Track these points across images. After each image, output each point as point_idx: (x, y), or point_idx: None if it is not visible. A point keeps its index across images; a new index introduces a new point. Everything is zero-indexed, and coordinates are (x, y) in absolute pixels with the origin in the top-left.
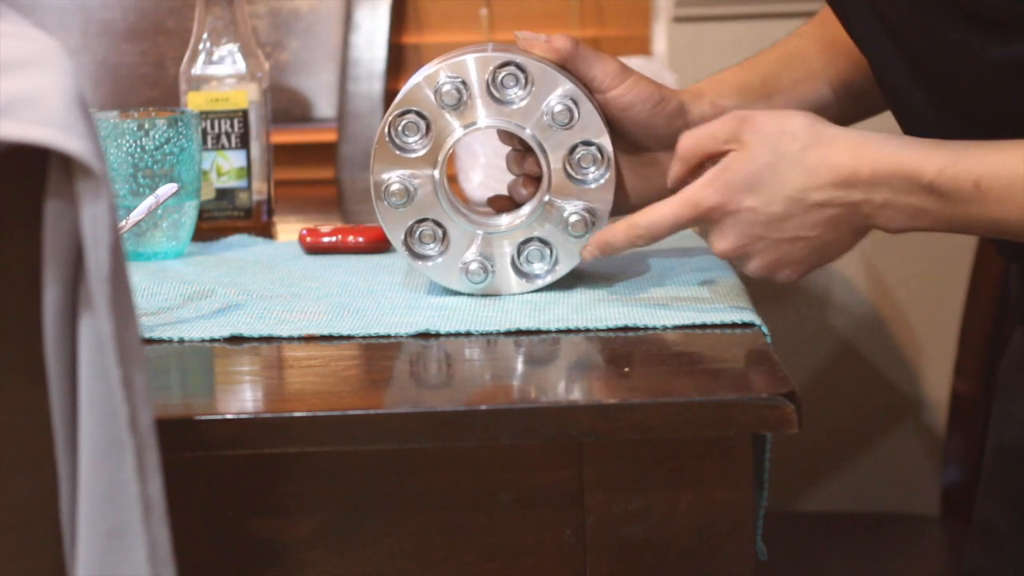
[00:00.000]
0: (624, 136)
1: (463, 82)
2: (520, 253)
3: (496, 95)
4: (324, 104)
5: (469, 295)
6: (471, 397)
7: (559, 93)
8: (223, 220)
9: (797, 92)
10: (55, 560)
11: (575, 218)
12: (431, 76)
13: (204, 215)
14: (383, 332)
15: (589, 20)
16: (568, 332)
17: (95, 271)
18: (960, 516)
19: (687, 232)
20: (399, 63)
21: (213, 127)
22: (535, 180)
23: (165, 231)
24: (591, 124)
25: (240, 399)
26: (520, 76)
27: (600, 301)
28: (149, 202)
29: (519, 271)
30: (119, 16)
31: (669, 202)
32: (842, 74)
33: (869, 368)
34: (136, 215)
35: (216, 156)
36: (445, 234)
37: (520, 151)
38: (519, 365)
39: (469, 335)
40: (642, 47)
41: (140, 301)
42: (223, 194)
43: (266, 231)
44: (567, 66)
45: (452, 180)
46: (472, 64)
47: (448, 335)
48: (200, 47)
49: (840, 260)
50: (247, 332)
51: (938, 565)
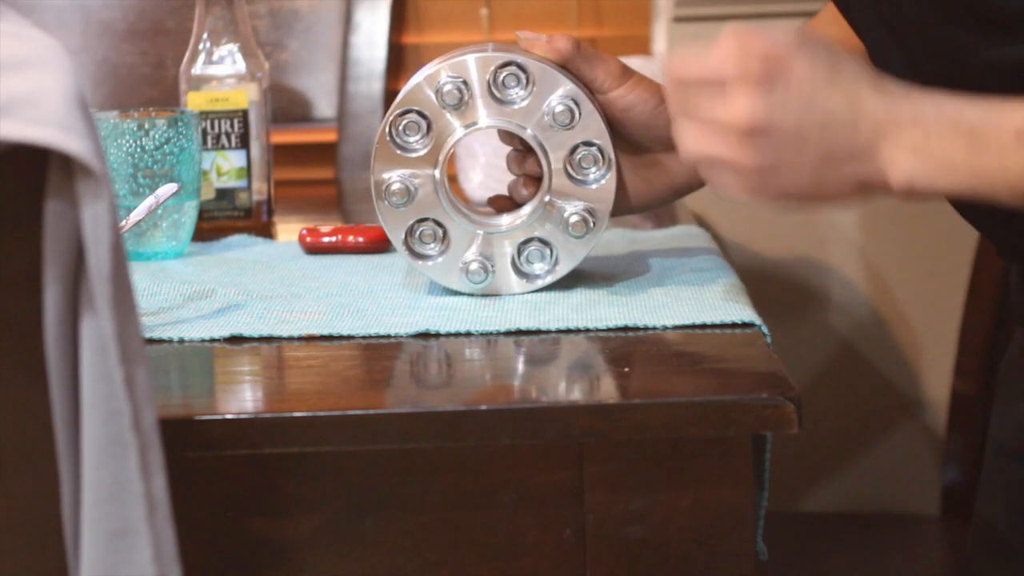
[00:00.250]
0: (625, 137)
1: (464, 82)
2: (520, 253)
3: (497, 95)
4: (324, 104)
5: (469, 295)
6: (471, 397)
7: (560, 93)
8: (223, 220)
9: None
10: (56, 560)
11: (575, 218)
12: (432, 76)
13: (204, 215)
14: (383, 332)
15: (589, 20)
16: (568, 332)
17: (96, 271)
18: (960, 516)
19: (687, 232)
20: (399, 63)
21: (213, 127)
22: (536, 180)
23: (165, 231)
24: (592, 125)
25: (240, 399)
26: (521, 76)
27: (600, 301)
28: (149, 202)
29: (519, 271)
30: (119, 16)
31: (715, 49)
32: None
33: (869, 368)
34: (136, 215)
35: (216, 156)
36: (445, 234)
37: (521, 151)
38: (519, 365)
39: (469, 335)
40: (642, 47)
41: (140, 301)
42: (223, 194)
43: (266, 231)
44: (568, 66)
45: (452, 180)
46: (473, 64)
47: (448, 335)
48: (200, 47)
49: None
50: (247, 332)
51: (938, 565)
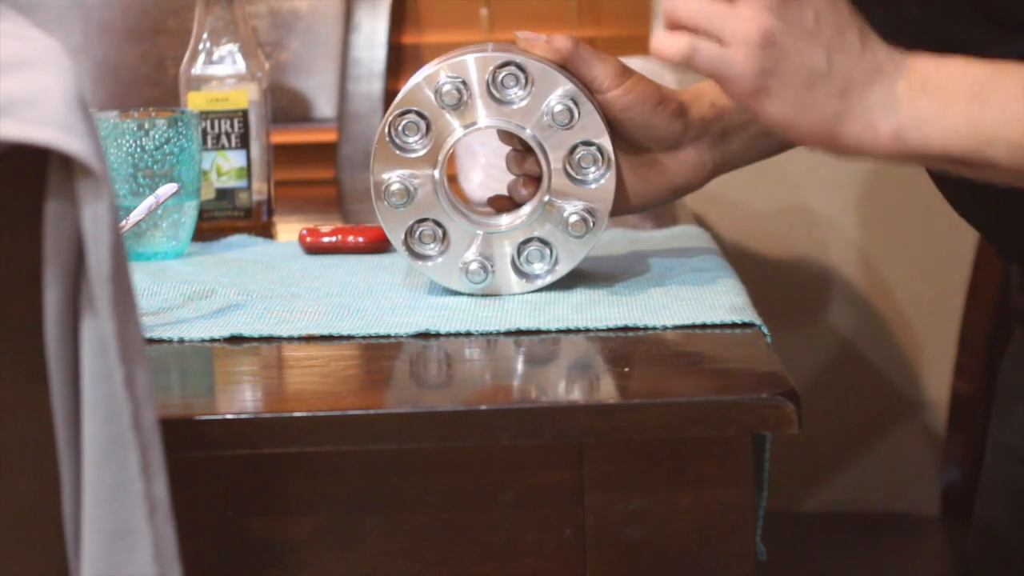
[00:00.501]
0: (624, 137)
1: (463, 82)
2: (520, 253)
3: (496, 95)
4: (324, 104)
5: (469, 295)
6: (471, 397)
7: (559, 93)
8: (223, 220)
9: None
10: (56, 560)
11: (575, 218)
12: (431, 76)
13: (204, 215)
14: (383, 332)
15: (588, 20)
16: (568, 332)
17: (96, 271)
18: (960, 516)
19: (687, 232)
20: (399, 63)
21: (213, 127)
22: (535, 180)
23: (165, 231)
24: (591, 124)
25: (240, 399)
26: (520, 76)
27: (600, 301)
28: (149, 202)
29: (519, 271)
30: (119, 16)
31: None
32: None
33: (869, 368)
34: (136, 215)
35: (216, 156)
36: (445, 234)
37: (520, 151)
38: (519, 365)
39: (469, 335)
40: (642, 47)
41: (140, 301)
42: (223, 194)
43: (266, 231)
44: (567, 66)
45: (452, 180)
46: (472, 64)
47: (448, 335)
48: (200, 47)
49: (840, 260)
50: (247, 332)
51: (938, 565)
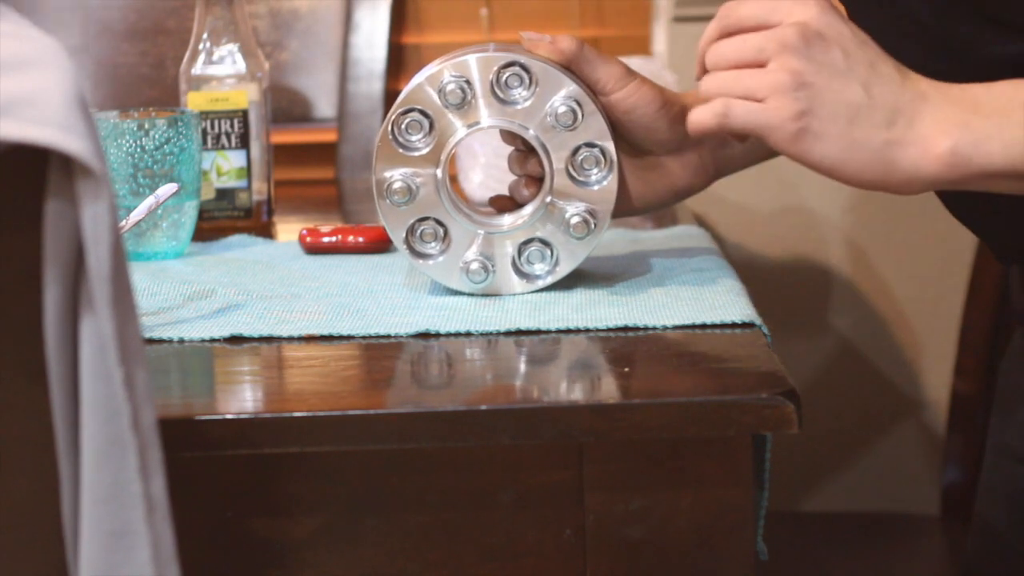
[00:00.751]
0: (627, 139)
1: (467, 81)
2: (521, 253)
3: (500, 95)
4: (324, 104)
5: (469, 295)
6: (471, 397)
7: (563, 94)
8: (223, 220)
9: None
10: (56, 560)
11: (576, 219)
12: (435, 75)
13: (204, 215)
14: (383, 332)
15: (589, 20)
16: (568, 332)
17: (96, 271)
18: (960, 516)
19: (687, 232)
20: (399, 63)
21: (213, 127)
22: (537, 181)
23: (165, 231)
24: (595, 126)
25: (240, 399)
26: (524, 76)
27: (600, 301)
28: (149, 202)
29: (520, 271)
30: (119, 16)
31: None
32: None
33: (869, 368)
34: (136, 215)
35: (216, 156)
36: (446, 233)
37: (523, 151)
38: (519, 365)
39: (469, 335)
40: (642, 47)
41: (140, 301)
42: (223, 194)
43: (266, 231)
44: (571, 67)
45: (452, 180)
46: (476, 64)
47: (448, 335)
48: (200, 47)
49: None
50: (247, 332)
51: (938, 565)
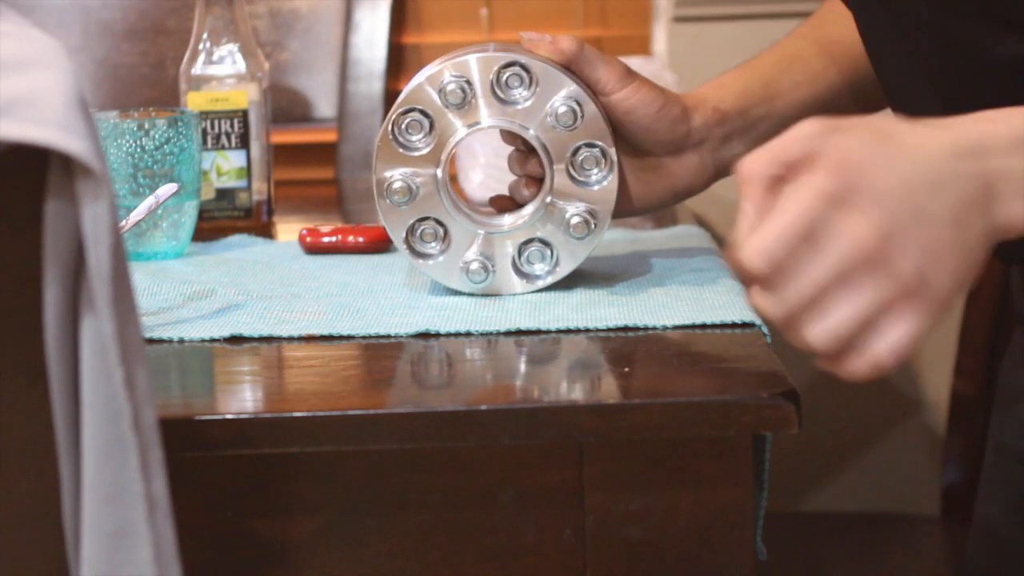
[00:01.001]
0: (627, 139)
1: (467, 81)
2: (521, 254)
3: (500, 95)
4: (324, 104)
5: (469, 295)
6: (471, 397)
7: (563, 94)
8: (223, 220)
9: (799, 94)
10: (56, 560)
11: (577, 220)
12: (435, 75)
13: (204, 215)
14: (383, 332)
15: (589, 20)
16: (568, 332)
17: (96, 271)
18: (960, 516)
19: (687, 232)
20: (399, 63)
21: (213, 127)
22: (537, 181)
23: (165, 231)
24: (595, 126)
25: (240, 399)
26: (525, 77)
27: (600, 301)
28: (149, 202)
29: (520, 271)
30: (119, 16)
31: (783, 209)
32: (843, 75)
33: None
34: (136, 215)
35: (216, 156)
36: (446, 233)
37: (523, 152)
38: (519, 365)
39: (469, 335)
40: (642, 47)
41: (140, 301)
42: (223, 194)
43: (266, 231)
44: (571, 68)
45: (452, 180)
46: (477, 64)
47: (448, 335)
48: (200, 47)
49: None
50: (247, 332)
51: (938, 565)
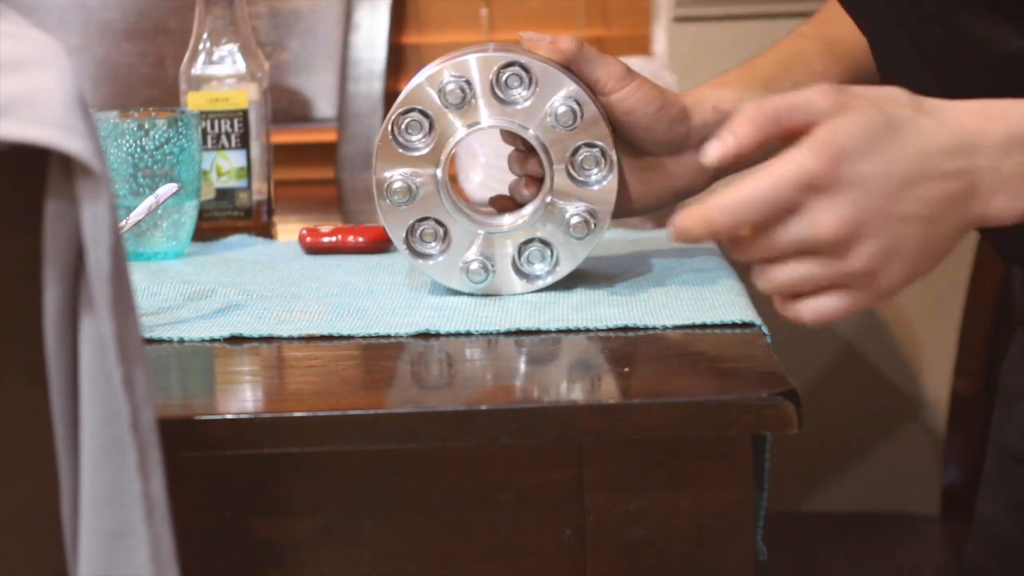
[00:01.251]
0: (627, 139)
1: (467, 81)
2: (521, 254)
3: (500, 95)
4: (324, 104)
5: (469, 295)
6: (471, 397)
7: (563, 94)
8: (223, 220)
9: None
10: (55, 560)
11: (576, 219)
12: (435, 75)
13: (204, 215)
14: (383, 332)
15: (589, 20)
16: (568, 332)
17: (96, 271)
18: (960, 516)
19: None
20: (399, 63)
21: (213, 127)
22: (537, 181)
23: (165, 231)
24: (595, 126)
25: (240, 399)
26: (524, 76)
27: (600, 301)
28: (149, 202)
29: (520, 271)
30: (119, 16)
31: (760, 175)
32: (844, 74)
33: (869, 368)
34: (136, 215)
35: (216, 156)
36: (446, 233)
37: (523, 152)
38: (519, 365)
39: (469, 335)
40: (642, 47)
41: (140, 301)
42: (223, 194)
43: (266, 231)
44: (571, 67)
45: (452, 180)
46: (476, 64)
47: (448, 335)
48: (200, 47)
49: None
50: (247, 332)
51: (938, 565)
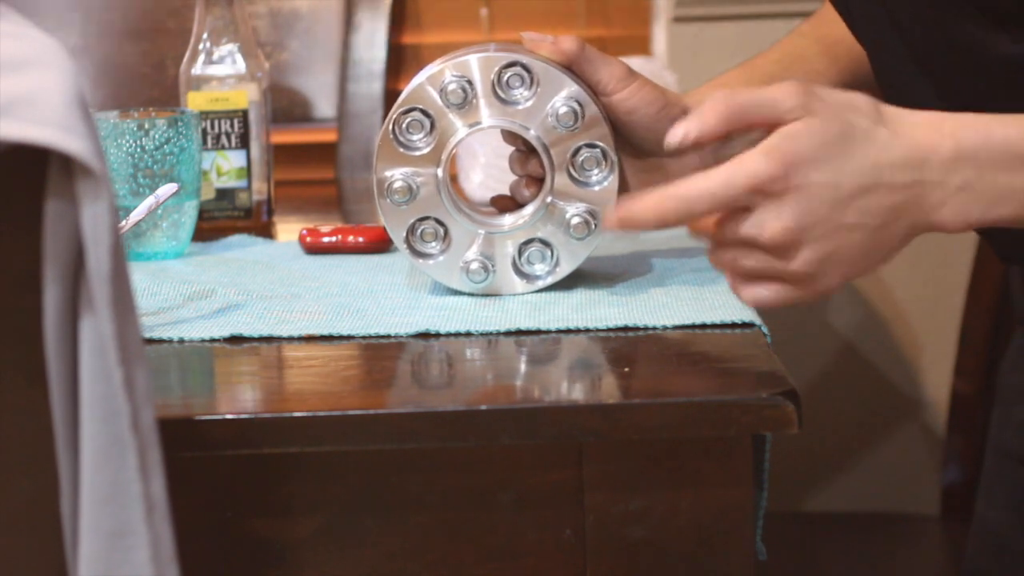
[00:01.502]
0: (628, 140)
1: (468, 81)
2: (521, 254)
3: (501, 95)
4: (324, 104)
5: (470, 295)
6: (471, 397)
7: (564, 95)
8: (223, 220)
9: None
10: (55, 560)
11: (577, 220)
12: (436, 75)
13: (204, 215)
14: (383, 332)
15: (589, 20)
16: (568, 332)
17: (96, 271)
18: (960, 516)
19: (687, 232)
20: (399, 63)
21: (213, 127)
22: (538, 181)
23: (165, 231)
24: (596, 126)
25: (240, 399)
26: (526, 77)
27: (600, 301)
28: (149, 202)
29: (520, 272)
30: (119, 16)
31: (715, 172)
32: (844, 74)
33: (869, 368)
34: (136, 215)
35: (216, 156)
36: (447, 233)
37: (523, 152)
38: (519, 365)
39: (469, 335)
40: (642, 47)
41: (140, 301)
42: (223, 194)
43: (266, 231)
44: (572, 68)
45: (453, 180)
46: (478, 64)
47: (448, 335)
48: (200, 47)
49: None
50: (247, 332)
51: (938, 565)
